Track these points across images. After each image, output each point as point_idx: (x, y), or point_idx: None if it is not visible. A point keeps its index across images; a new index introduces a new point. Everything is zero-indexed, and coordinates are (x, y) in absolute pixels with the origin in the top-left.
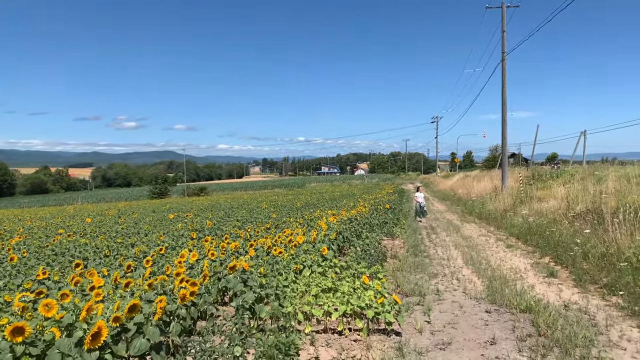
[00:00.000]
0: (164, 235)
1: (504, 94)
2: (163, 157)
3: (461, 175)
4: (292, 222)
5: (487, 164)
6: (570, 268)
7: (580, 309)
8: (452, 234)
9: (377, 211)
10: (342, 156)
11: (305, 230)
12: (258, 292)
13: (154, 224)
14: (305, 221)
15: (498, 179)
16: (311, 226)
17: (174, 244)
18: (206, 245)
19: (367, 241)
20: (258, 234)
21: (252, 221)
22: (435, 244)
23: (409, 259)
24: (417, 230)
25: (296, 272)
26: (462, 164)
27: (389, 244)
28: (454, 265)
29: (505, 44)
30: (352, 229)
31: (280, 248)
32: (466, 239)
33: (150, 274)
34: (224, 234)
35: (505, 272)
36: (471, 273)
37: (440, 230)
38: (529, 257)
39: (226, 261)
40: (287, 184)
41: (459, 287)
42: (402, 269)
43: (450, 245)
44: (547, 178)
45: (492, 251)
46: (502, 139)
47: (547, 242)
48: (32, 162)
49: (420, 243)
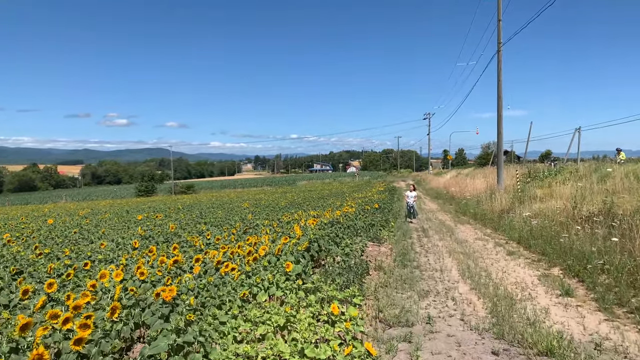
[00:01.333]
0: (115, 242)
1: (500, 86)
2: (154, 154)
3: (454, 173)
4: (266, 226)
5: (480, 162)
6: (587, 283)
7: (616, 349)
8: (445, 237)
9: (363, 212)
10: (334, 154)
11: (275, 236)
12: (173, 340)
13: (115, 227)
14: (281, 224)
15: (492, 176)
16: (285, 231)
17: (111, 256)
18: (142, 260)
19: (347, 250)
20: (219, 242)
21: (223, 224)
22: (427, 250)
23: (396, 270)
24: (407, 232)
25: (245, 299)
26: (454, 161)
27: (374, 251)
28: (449, 279)
29: (501, 34)
30: (333, 234)
31: (234, 264)
32: (461, 243)
33: (42, 305)
34: (180, 242)
35: (510, 288)
36: (469, 290)
37: (433, 232)
38: (534, 267)
39: (160, 282)
40: (277, 181)
41: (455, 311)
42: (387, 284)
43: (444, 252)
44: (546, 176)
45: (491, 259)
46: (498, 135)
47: (554, 249)
48: (21, 160)
49: (410, 249)
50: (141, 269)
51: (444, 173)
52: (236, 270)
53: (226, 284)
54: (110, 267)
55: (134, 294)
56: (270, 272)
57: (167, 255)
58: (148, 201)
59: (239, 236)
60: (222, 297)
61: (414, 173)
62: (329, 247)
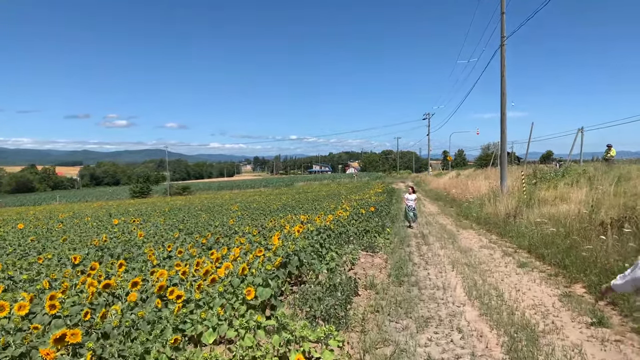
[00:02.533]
0: (57, 255)
1: (503, 82)
2: (154, 155)
3: (454, 174)
4: (246, 233)
5: (480, 163)
6: (620, 307)
7: None
8: (447, 244)
9: (358, 216)
10: (334, 155)
11: (249, 248)
12: None
13: (83, 234)
14: (264, 231)
15: (495, 178)
16: (267, 239)
17: (44, 274)
18: (66, 283)
19: (332, 264)
20: (181, 255)
21: (201, 230)
22: (427, 260)
23: (391, 288)
24: (405, 239)
25: (178, 346)
26: (453, 162)
27: (366, 262)
28: (453, 300)
29: (504, 27)
30: (319, 245)
31: (180, 291)
32: (465, 252)
33: None
34: (135, 255)
35: (529, 313)
36: (479, 316)
37: (433, 239)
38: (553, 284)
39: (77, 316)
40: (275, 182)
41: (463, 349)
42: (378, 309)
43: (446, 264)
44: (552, 177)
45: (500, 273)
46: (502, 133)
47: (573, 262)
48: (21, 161)
49: (408, 260)
50: (54, 301)
51: (444, 174)
52: (182, 299)
53: (162, 319)
54: (22, 294)
55: (23, 340)
56: (227, 300)
57: (106, 275)
58: (140, 203)
59: (208, 247)
60: (147, 343)
61: (413, 174)
62: (311, 262)
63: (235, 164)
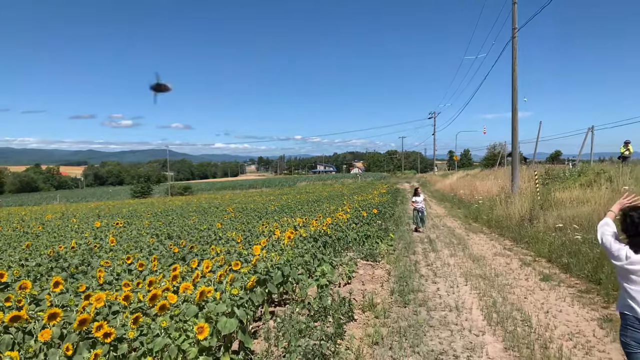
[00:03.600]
0: None
1: (515, 76)
2: (158, 155)
3: (461, 174)
4: (228, 241)
5: (487, 163)
6: None
7: None
8: (457, 251)
9: (359, 219)
10: (338, 155)
11: (222, 261)
12: None
13: (55, 240)
14: (250, 237)
15: (504, 178)
16: (244, 251)
17: None
18: None
19: (323, 281)
20: (142, 268)
21: (184, 236)
22: (436, 271)
23: (394, 310)
24: (411, 245)
25: None
26: (459, 163)
27: (366, 274)
28: (470, 326)
29: (516, 18)
30: (312, 254)
31: (109, 327)
32: (478, 261)
33: None
34: (91, 269)
35: (567, 348)
36: (504, 351)
37: (441, 244)
38: (587, 304)
39: None
40: (277, 182)
41: None
42: (377, 340)
43: (458, 276)
44: (567, 177)
45: (522, 288)
46: (513, 130)
47: (608, 276)
48: (26, 160)
49: (414, 271)
50: None
51: (450, 174)
52: (112, 337)
53: None
54: None
55: None
56: (172, 340)
57: (32, 298)
58: (138, 203)
59: (182, 257)
60: None
61: (418, 174)
62: (298, 278)
63: (239, 164)
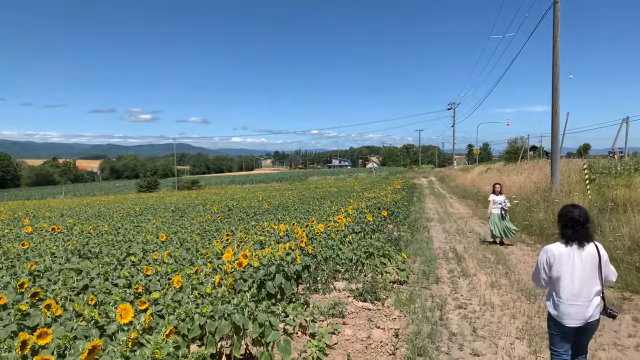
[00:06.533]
0: None
1: (556, 49)
2: (176, 149)
3: (483, 168)
4: (156, 262)
5: (509, 156)
6: None
7: None
8: (499, 277)
9: (358, 227)
10: (354, 149)
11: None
12: None
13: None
14: (194, 256)
15: (537, 173)
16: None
17: None
18: None
19: None
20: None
21: (114, 250)
22: (474, 323)
23: None
24: (431, 265)
25: None
26: (478, 157)
27: (357, 341)
28: None
29: None
30: (250, 309)
31: None
32: (536, 298)
33: None
34: None
35: None
36: None
37: (474, 263)
38: None
39: None
40: (289, 177)
41: None
42: None
43: (513, 332)
44: (621, 173)
45: None
46: (553, 115)
47: None
48: (46, 154)
49: (438, 325)
50: None
51: (471, 169)
52: None
53: None
54: None
55: None
56: None
57: None
58: (137, 198)
59: None
60: None
61: (436, 169)
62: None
63: (255, 158)
